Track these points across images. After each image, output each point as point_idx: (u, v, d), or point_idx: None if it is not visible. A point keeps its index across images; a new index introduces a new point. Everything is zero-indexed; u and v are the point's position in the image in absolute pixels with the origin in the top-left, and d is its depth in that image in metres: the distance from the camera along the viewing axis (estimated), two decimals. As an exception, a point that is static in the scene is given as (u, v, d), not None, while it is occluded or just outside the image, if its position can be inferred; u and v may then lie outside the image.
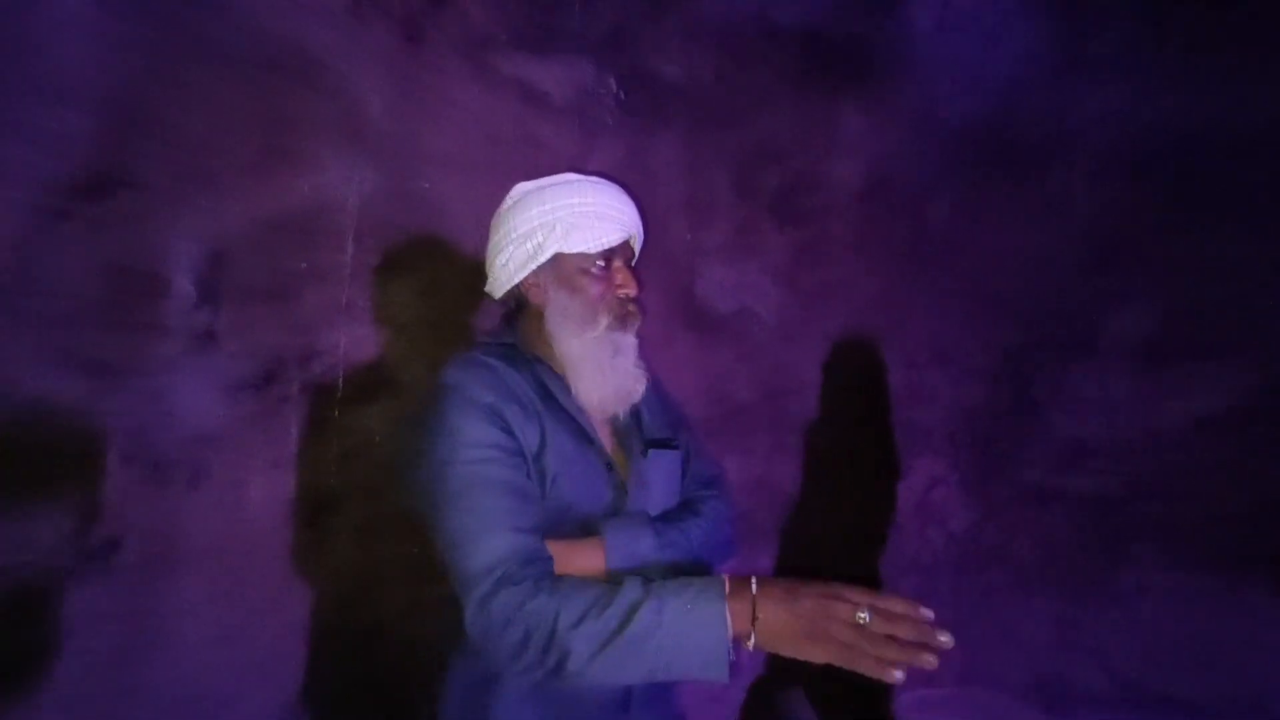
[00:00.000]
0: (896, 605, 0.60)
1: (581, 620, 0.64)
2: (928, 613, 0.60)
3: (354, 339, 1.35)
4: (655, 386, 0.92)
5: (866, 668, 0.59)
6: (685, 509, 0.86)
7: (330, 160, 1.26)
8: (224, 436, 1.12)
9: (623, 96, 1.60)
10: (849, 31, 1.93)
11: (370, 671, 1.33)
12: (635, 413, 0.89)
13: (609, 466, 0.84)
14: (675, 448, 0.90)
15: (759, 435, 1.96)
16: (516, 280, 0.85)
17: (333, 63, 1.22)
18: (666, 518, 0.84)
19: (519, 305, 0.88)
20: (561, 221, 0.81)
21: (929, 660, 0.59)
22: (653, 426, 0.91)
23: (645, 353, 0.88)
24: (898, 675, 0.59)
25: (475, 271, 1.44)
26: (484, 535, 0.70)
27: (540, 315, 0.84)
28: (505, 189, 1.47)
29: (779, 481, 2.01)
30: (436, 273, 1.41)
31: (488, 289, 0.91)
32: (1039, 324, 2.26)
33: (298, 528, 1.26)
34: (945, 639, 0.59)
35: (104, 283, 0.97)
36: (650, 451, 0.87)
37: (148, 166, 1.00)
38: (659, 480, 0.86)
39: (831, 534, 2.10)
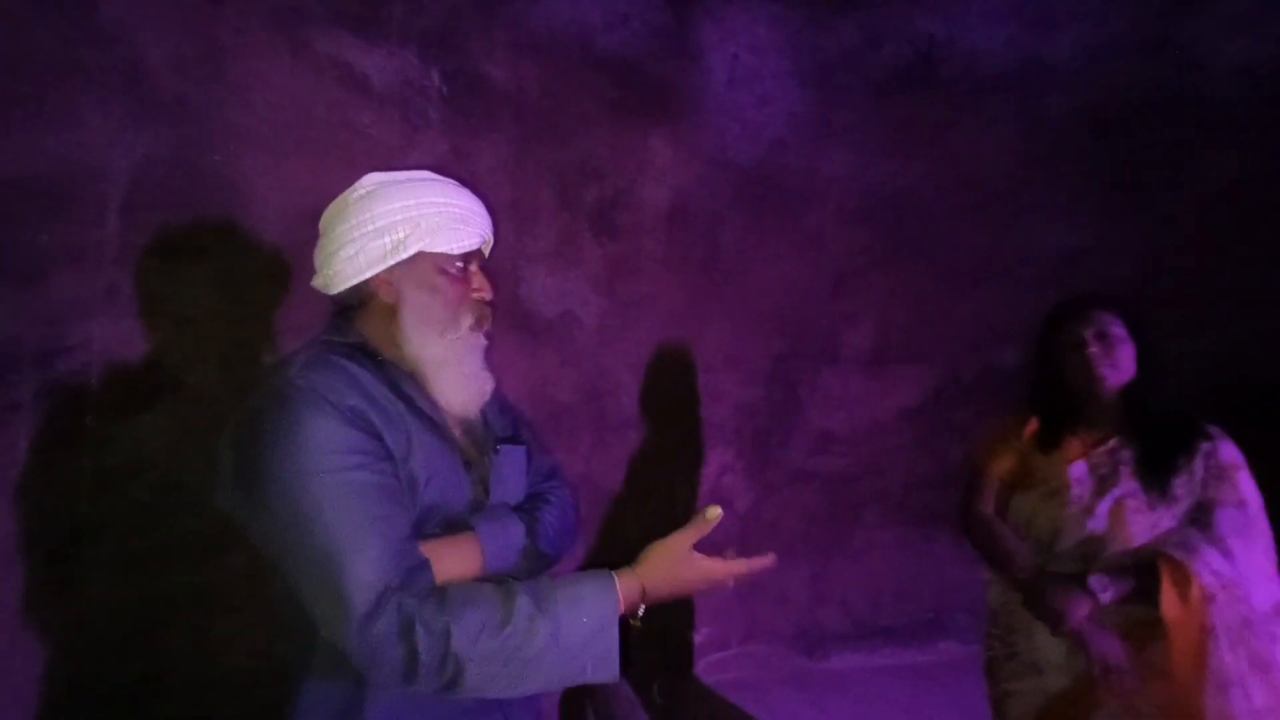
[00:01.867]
0: (758, 565, 0.80)
1: (478, 637, 0.64)
2: (772, 559, 0.81)
3: (118, 333, 1.14)
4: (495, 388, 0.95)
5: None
6: (536, 499, 0.90)
7: (91, 116, 1.06)
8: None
9: (446, 92, 1.59)
10: (660, 70, 2.17)
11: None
12: (481, 412, 0.89)
13: (468, 465, 0.83)
14: (523, 444, 0.93)
15: (581, 435, 2.08)
16: (365, 276, 0.79)
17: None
18: (522, 509, 0.87)
19: (361, 302, 0.82)
20: (426, 219, 0.78)
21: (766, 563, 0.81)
22: (496, 425, 0.93)
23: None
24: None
25: (280, 261, 1.33)
26: (360, 547, 0.65)
27: (391, 314, 0.80)
28: (318, 172, 1.38)
29: (599, 478, 2.15)
30: (233, 260, 1.26)
31: (318, 283, 0.83)
32: (800, 336, 2.76)
33: (34, 566, 1.03)
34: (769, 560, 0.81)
35: None
36: (501, 448, 0.88)
37: None
38: (512, 475, 0.89)
39: (644, 523, 2.30)
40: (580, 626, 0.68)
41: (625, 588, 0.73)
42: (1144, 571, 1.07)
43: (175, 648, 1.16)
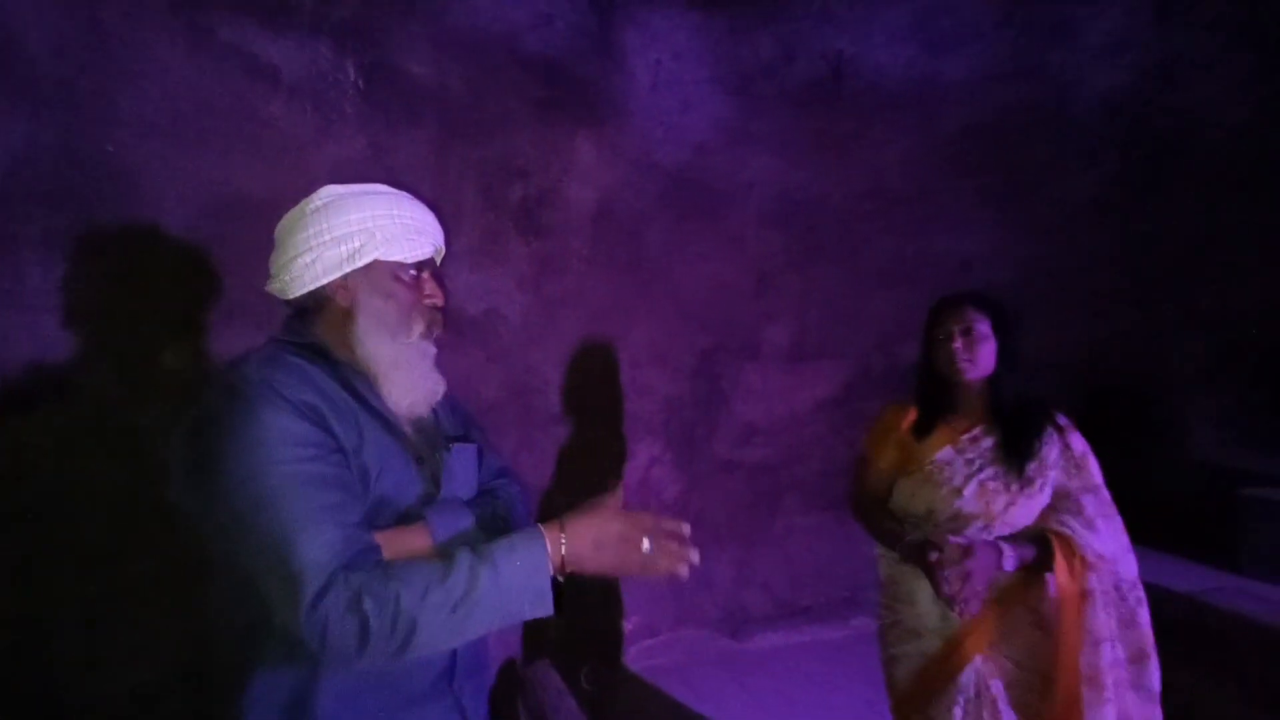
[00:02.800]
0: (670, 526, 0.80)
1: (426, 593, 0.69)
2: (686, 527, 0.82)
3: (-4, 331, 1.08)
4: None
5: (656, 571, 0.79)
6: (487, 495, 0.95)
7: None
8: None
9: (362, 86, 1.57)
10: (585, 72, 2.21)
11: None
12: (432, 411, 0.94)
13: (420, 460, 0.87)
14: (473, 442, 0.97)
15: (508, 431, 2.10)
16: (322, 282, 0.83)
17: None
18: (472, 504, 0.91)
19: (317, 306, 0.85)
20: (382, 230, 0.82)
21: (693, 558, 0.80)
22: (447, 424, 0.97)
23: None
24: (682, 571, 0.79)
25: (187, 257, 1.27)
26: (312, 532, 0.69)
27: (346, 317, 0.84)
28: (224, 165, 1.34)
29: (526, 473, 2.17)
30: (131, 255, 1.21)
31: (274, 288, 0.86)
32: (724, 332, 2.88)
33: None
34: (694, 554, 0.80)
35: None
36: (454, 446, 0.92)
37: None
38: (463, 472, 0.92)
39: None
40: (516, 569, 0.73)
41: (551, 535, 0.77)
42: (1040, 544, 1.22)
43: (68, 662, 1.10)
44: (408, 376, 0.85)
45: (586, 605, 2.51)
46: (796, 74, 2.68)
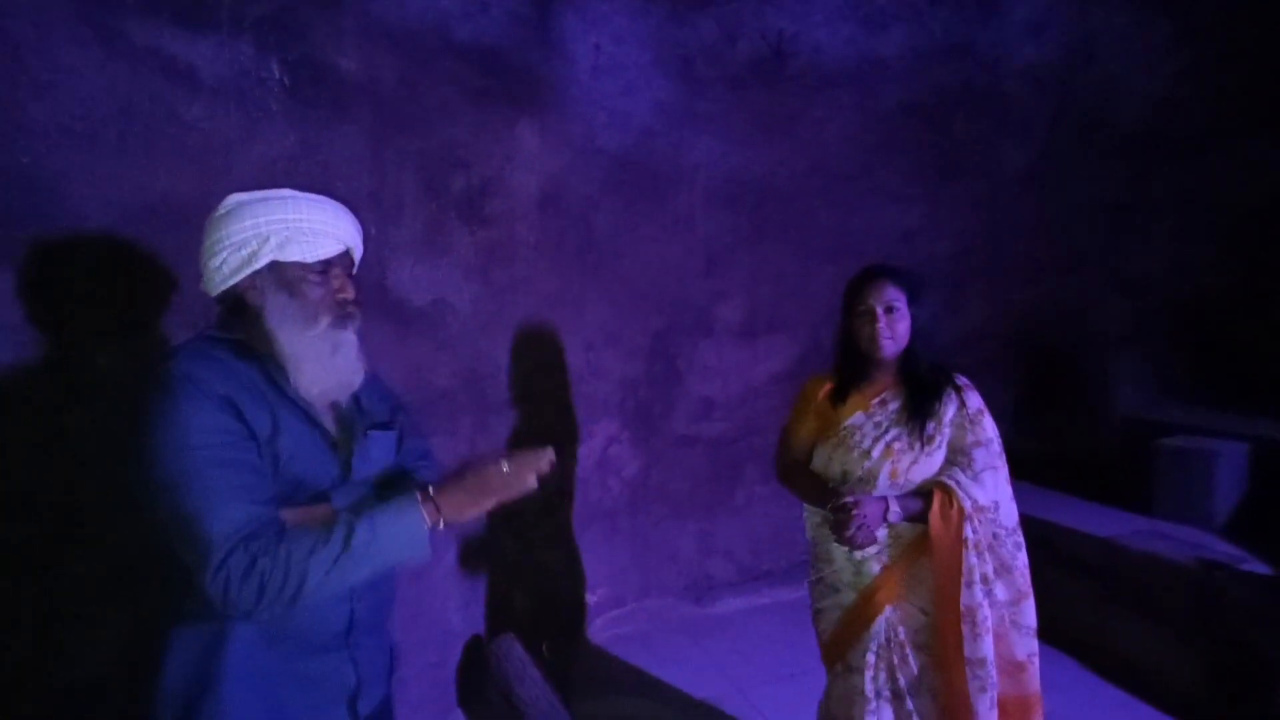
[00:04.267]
0: (524, 454, 0.93)
1: (311, 551, 0.80)
2: (542, 452, 0.94)
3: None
4: (373, 375, 1.05)
5: (519, 491, 0.92)
6: (402, 477, 1.03)
7: None
8: None
9: (288, 83, 1.57)
10: (523, 59, 2.22)
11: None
12: (355, 398, 1.01)
13: (333, 445, 0.95)
14: (392, 429, 1.05)
15: (461, 418, 2.15)
16: (231, 283, 0.90)
17: None
18: (387, 485, 1.00)
19: (237, 303, 0.92)
20: (276, 234, 0.88)
21: (548, 456, 0.94)
22: (372, 410, 1.04)
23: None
24: (532, 482, 0.93)
25: (112, 262, 1.29)
26: (220, 508, 0.78)
27: (259, 314, 0.90)
28: (147, 170, 1.35)
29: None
30: (55, 263, 1.21)
31: (203, 285, 0.93)
32: (676, 313, 2.96)
33: None
34: (548, 454, 0.94)
35: None
36: (370, 432, 1.00)
37: None
38: (379, 457, 1.01)
39: (529, 500, 2.42)
40: (391, 522, 0.86)
41: (421, 493, 0.90)
42: (925, 497, 1.33)
43: (13, 659, 1.14)
44: (315, 367, 0.91)
45: (551, 581, 2.61)
46: (739, 55, 2.72)
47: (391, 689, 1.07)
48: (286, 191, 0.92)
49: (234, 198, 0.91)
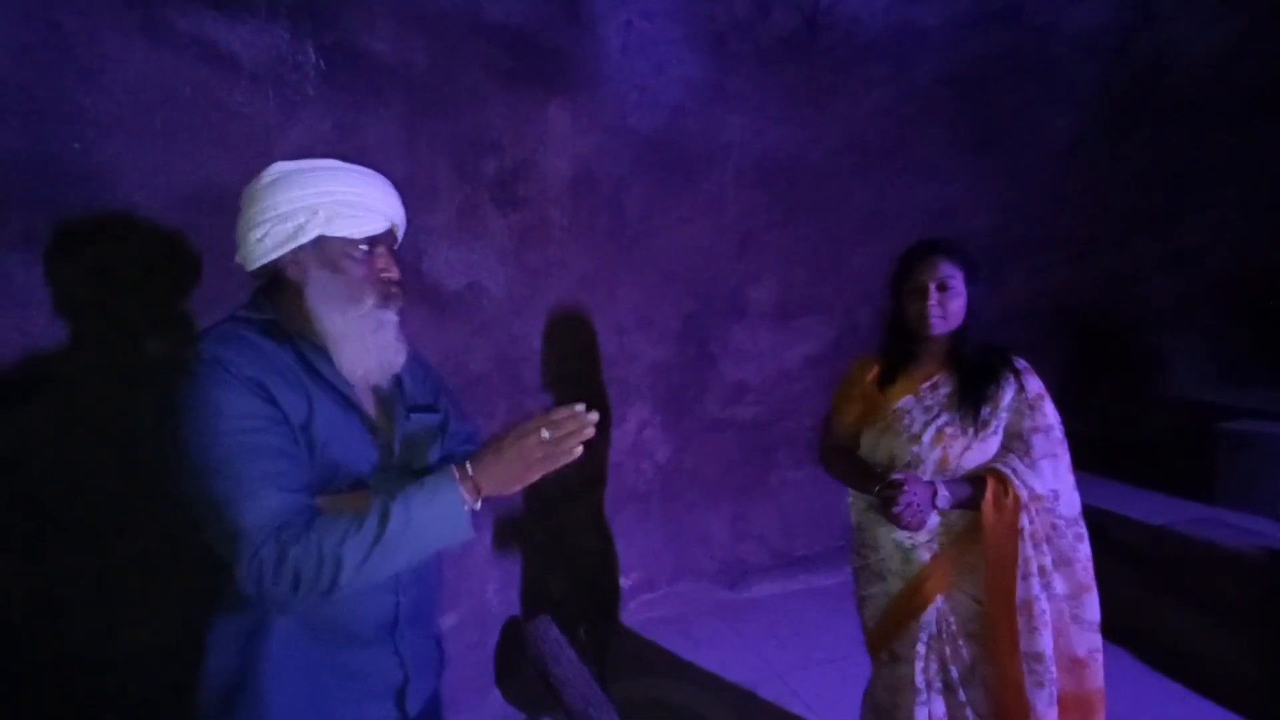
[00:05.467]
0: (562, 413, 0.82)
1: (344, 538, 0.75)
2: (580, 408, 0.83)
3: (-10, 329, 1.12)
4: (416, 357, 1.01)
5: (563, 460, 0.82)
6: (447, 462, 0.96)
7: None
8: None
9: (324, 68, 1.57)
10: (553, 39, 2.19)
11: (60, 703, 1.16)
12: (398, 381, 0.96)
13: (373, 430, 0.90)
14: (436, 411, 1.01)
15: (497, 402, 2.15)
16: (273, 256, 0.85)
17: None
18: (430, 470, 0.93)
19: (275, 280, 0.88)
20: (325, 207, 0.83)
21: (592, 419, 0.82)
22: (414, 393, 0.99)
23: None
24: (578, 450, 0.82)
25: (160, 249, 1.31)
26: (255, 496, 0.74)
27: (300, 291, 0.85)
28: (192, 156, 1.36)
29: (517, 441, 2.23)
30: (108, 249, 1.24)
31: (238, 258, 0.88)
32: (709, 295, 2.92)
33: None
34: (593, 417, 0.82)
35: None
36: (412, 415, 0.96)
37: None
38: (422, 440, 0.96)
39: (564, 480, 2.43)
40: (429, 504, 0.79)
41: (460, 471, 0.82)
42: (976, 483, 1.27)
43: (75, 634, 1.17)
44: (357, 347, 0.87)
45: (585, 565, 2.62)
46: (771, 28, 2.64)
47: (440, 685, 1.04)
48: (334, 162, 0.88)
49: (279, 166, 0.86)
